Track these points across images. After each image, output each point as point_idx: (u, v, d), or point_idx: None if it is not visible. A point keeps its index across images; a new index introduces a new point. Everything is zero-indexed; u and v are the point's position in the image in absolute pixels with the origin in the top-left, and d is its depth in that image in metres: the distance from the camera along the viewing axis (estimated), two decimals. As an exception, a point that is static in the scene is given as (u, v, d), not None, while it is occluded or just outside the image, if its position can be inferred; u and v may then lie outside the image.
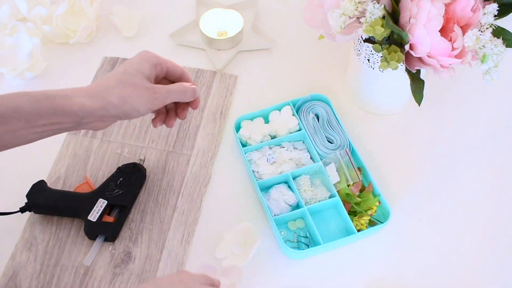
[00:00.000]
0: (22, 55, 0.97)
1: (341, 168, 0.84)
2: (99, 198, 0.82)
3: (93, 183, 0.86)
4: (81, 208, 0.81)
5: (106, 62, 1.02)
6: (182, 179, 0.87)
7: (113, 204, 0.82)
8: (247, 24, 1.06)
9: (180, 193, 0.86)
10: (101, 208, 0.81)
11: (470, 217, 0.84)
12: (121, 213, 0.82)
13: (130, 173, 0.85)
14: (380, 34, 0.73)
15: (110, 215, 0.82)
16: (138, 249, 0.81)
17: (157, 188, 0.86)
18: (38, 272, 0.78)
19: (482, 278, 0.79)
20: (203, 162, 0.89)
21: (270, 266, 0.80)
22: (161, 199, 0.85)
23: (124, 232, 0.82)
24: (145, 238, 0.82)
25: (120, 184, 0.83)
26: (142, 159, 0.88)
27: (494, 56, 0.72)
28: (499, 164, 0.90)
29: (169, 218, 0.83)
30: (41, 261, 0.79)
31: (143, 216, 0.84)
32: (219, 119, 0.94)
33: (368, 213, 0.82)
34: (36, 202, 0.82)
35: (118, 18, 1.06)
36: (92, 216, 0.80)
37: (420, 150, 0.91)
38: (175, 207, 0.85)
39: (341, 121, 0.90)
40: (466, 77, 0.93)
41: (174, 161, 0.89)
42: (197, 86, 0.78)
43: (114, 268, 0.79)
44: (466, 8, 0.74)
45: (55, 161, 0.89)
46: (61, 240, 0.81)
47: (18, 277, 0.78)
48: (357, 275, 0.79)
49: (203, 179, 0.87)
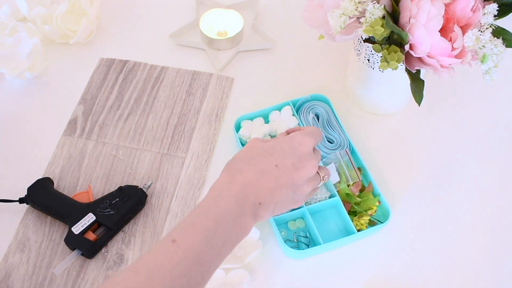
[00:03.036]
0: (22, 55, 0.97)
1: (341, 168, 0.84)
2: (90, 212, 0.80)
3: (87, 184, 0.86)
4: (71, 216, 0.80)
5: (102, 63, 1.02)
6: (176, 181, 0.87)
7: (101, 222, 0.80)
8: (247, 24, 1.06)
9: (174, 195, 0.86)
10: (87, 223, 0.79)
11: (470, 217, 0.85)
12: (105, 234, 0.80)
13: (129, 196, 0.82)
14: (380, 34, 0.73)
15: (95, 233, 0.80)
16: (131, 251, 0.80)
17: (151, 190, 0.86)
18: (31, 274, 0.78)
19: (482, 278, 0.79)
20: (197, 164, 0.89)
21: (270, 266, 0.80)
22: (155, 201, 0.85)
23: (117, 235, 0.82)
24: (138, 241, 0.81)
25: (114, 204, 0.81)
26: (148, 185, 0.85)
27: (494, 56, 0.72)
28: (499, 164, 0.90)
29: (163, 221, 0.83)
30: (34, 263, 0.79)
31: (136, 219, 0.83)
32: (214, 121, 0.94)
33: (368, 213, 0.82)
34: (34, 197, 0.81)
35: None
36: (76, 228, 0.78)
37: (420, 150, 0.91)
38: (169, 210, 0.84)
39: (341, 121, 0.91)
40: (466, 77, 0.93)
41: (169, 164, 0.89)
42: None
43: (107, 271, 0.79)
44: (466, 8, 0.74)
45: (49, 162, 0.89)
46: (54, 242, 0.81)
47: (11, 278, 0.78)
48: (357, 275, 0.79)
49: (197, 182, 0.87)
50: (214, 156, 0.90)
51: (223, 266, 0.78)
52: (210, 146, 0.91)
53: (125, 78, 0.99)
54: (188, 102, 0.96)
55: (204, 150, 0.91)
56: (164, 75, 1.00)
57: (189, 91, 0.98)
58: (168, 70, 1.01)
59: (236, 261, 0.78)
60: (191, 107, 0.96)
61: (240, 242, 0.65)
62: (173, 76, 1.00)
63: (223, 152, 0.91)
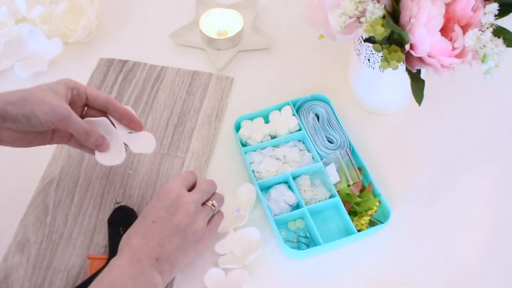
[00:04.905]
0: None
1: (341, 168, 0.84)
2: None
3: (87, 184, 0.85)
4: None
5: (102, 63, 1.01)
6: (176, 182, 0.87)
7: None
8: (247, 24, 1.06)
9: None
10: None
11: (470, 217, 0.84)
12: None
13: (122, 219, 0.80)
14: (380, 34, 0.73)
15: None
16: None
17: (150, 191, 0.86)
18: (30, 275, 0.78)
19: (482, 278, 0.79)
20: (197, 165, 0.89)
21: (270, 266, 0.80)
22: (155, 201, 0.85)
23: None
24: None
25: (122, 232, 0.77)
26: (118, 201, 0.83)
27: (495, 55, 0.71)
28: (499, 164, 0.90)
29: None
30: (34, 263, 0.79)
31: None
32: (214, 121, 0.94)
33: (368, 213, 0.82)
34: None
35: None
36: None
37: (420, 150, 0.91)
38: None
39: (341, 121, 0.90)
40: (466, 77, 0.92)
41: (168, 164, 0.89)
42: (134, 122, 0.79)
43: None
44: (466, 8, 0.74)
45: (49, 162, 0.88)
46: (53, 242, 0.81)
47: (10, 279, 0.77)
48: (357, 275, 0.79)
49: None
50: (214, 156, 0.90)
51: (223, 266, 0.78)
52: (210, 146, 0.91)
53: (124, 78, 0.99)
54: (188, 102, 0.96)
55: (204, 150, 0.91)
56: (164, 75, 1.00)
57: (189, 91, 0.98)
58: (168, 70, 1.00)
59: (236, 261, 0.78)
60: (191, 107, 0.95)
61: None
62: (173, 76, 1.00)
63: (223, 152, 0.91)
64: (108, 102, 0.78)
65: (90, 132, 0.74)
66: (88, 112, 0.79)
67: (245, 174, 0.88)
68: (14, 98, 0.70)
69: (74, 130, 0.73)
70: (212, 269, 0.78)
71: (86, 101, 0.77)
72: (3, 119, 0.70)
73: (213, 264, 0.79)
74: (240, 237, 0.80)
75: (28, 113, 0.70)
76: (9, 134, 0.72)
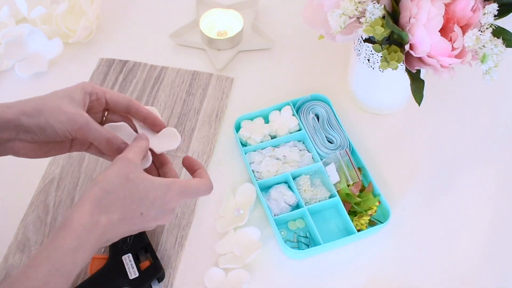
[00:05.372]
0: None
1: (341, 168, 0.84)
2: (121, 256, 0.77)
3: (88, 184, 0.85)
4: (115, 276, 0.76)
5: (102, 63, 1.02)
6: (176, 182, 0.87)
7: (136, 251, 0.77)
8: (247, 24, 1.06)
9: None
10: (131, 262, 0.76)
11: (470, 217, 0.84)
12: (149, 251, 0.78)
13: None
14: (380, 34, 0.73)
15: (144, 261, 0.77)
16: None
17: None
18: None
19: (482, 278, 0.79)
20: (197, 165, 0.89)
21: (270, 265, 0.80)
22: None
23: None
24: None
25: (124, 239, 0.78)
26: None
27: (494, 56, 0.72)
28: (499, 164, 0.90)
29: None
30: (34, 264, 0.79)
31: None
32: (214, 121, 0.94)
33: (368, 213, 0.82)
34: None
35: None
36: (132, 274, 0.76)
37: (420, 150, 0.91)
38: None
39: (341, 121, 0.90)
40: (466, 77, 0.92)
41: (169, 164, 0.89)
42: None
43: None
44: (466, 8, 0.74)
45: (49, 162, 0.88)
46: None
47: None
48: (357, 275, 0.79)
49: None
50: (214, 156, 0.90)
51: (223, 266, 0.78)
52: (210, 146, 0.91)
53: (125, 78, 0.99)
54: (188, 102, 0.96)
55: (204, 150, 0.91)
56: (164, 75, 1.00)
57: (189, 91, 0.98)
58: (168, 70, 1.01)
59: (236, 261, 0.78)
60: (191, 107, 0.96)
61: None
62: (173, 76, 1.00)
63: (223, 152, 0.91)
64: (130, 105, 0.71)
65: (111, 139, 0.68)
66: (109, 117, 0.73)
67: (245, 174, 0.88)
68: (28, 108, 0.65)
69: (94, 139, 0.67)
70: (212, 269, 0.78)
71: (106, 105, 0.71)
72: (17, 130, 0.65)
73: (213, 264, 0.79)
74: (240, 237, 0.80)
75: (43, 124, 0.65)
76: (24, 145, 0.67)
